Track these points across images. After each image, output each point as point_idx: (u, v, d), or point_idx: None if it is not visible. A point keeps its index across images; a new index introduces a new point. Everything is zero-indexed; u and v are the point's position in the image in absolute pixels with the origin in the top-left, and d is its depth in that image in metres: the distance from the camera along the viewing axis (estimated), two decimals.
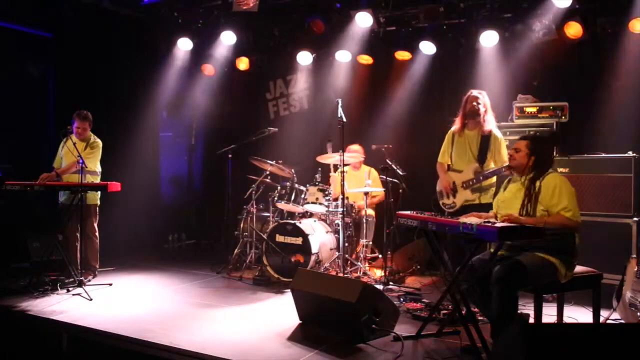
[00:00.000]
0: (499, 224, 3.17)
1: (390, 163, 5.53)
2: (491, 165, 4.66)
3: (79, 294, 4.90)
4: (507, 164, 4.39)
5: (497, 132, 4.75)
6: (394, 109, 6.67)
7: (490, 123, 4.72)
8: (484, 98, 4.72)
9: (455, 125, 4.86)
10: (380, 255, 5.86)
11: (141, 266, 6.26)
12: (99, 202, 5.55)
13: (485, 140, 4.68)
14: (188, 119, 8.37)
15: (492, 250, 3.63)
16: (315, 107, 7.46)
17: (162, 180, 8.07)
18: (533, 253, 3.39)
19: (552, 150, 3.61)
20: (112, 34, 6.71)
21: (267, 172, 6.01)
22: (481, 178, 4.60)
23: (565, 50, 5.69)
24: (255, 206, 6.00)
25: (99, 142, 5.55)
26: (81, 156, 5.06)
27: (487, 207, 4.59)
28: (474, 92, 4.76)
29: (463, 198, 4.74)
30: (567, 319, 3.98)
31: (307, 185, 5.72)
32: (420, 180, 5.70)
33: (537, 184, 3.46)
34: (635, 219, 4.66)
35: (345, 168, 5.61)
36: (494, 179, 4.70)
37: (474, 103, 4.69)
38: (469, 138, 4.77)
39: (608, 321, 4.01)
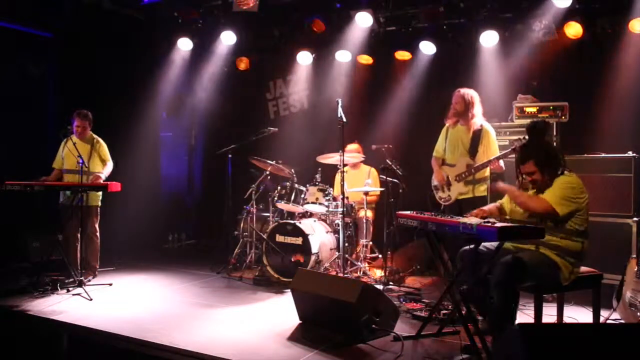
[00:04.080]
0: (498, 224, 3.16)
1: (390, 163, 5.53)
2: (482, 159, 4.74)
3: (79, 294, 4.90)
4: (496, 155, 4.63)
5: (486, 126, 4.89)
6: (393, 109, 6.68)
7: (478, 118, 4.85)
8: (467, 96, 4.84)
9: (449, 121, 5.01)
10: (380, 255, 5.86)
11: (141, 266, 6.26)
12: (100, 204, 5.55)
13: (477, 134, 4.82)
14: (188, 119, 8.37)
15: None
16: (315, 107, 7.46)
17: (162, 180, 8.07)
18: (539, 250, 3.40)
19: (550, 146, 3.60)
20: (112, 34, 6.71)
21: (267, 172, 6.01)
22: (473, 171, 4.74)
23: (565, 50, 5.69)
24: (255, 206, 6.01)
25: (102, 141, 5.56)
26: (81, 156, 5.06)
27: (481, 199, 4.68)
28: (457, 92, 4.89)
29: (457, 191, 4.87)
30: (567, 319, 3.98)
31: (307, 185, 5.73)
32: (420, 180, 5.70)
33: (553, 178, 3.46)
34: (635, 219, 4.66)
35: (345, 168, 5.61)
36: (487, 172, 4.83)
37: (454, 102, 4.88)
38: (461, 133, 4.92)
39: (608, 321, 4.01)
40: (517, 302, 3.32)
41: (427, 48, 6.27)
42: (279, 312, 4.48)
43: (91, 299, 4.77)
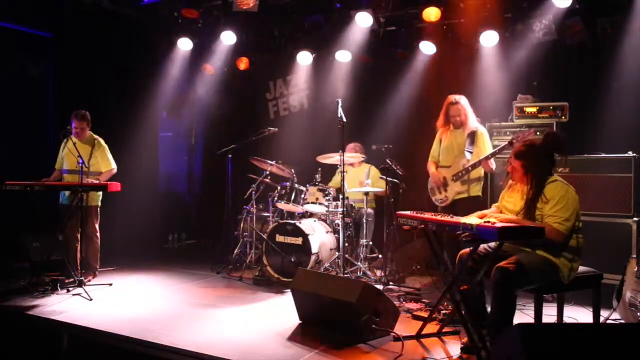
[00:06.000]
0: (499, 224, 3.16)
1: (390, 163, 5.53)
2: (477, 158, 4.79)
3: (79, 294, 4.90)
4: (489, 153, 4.71)
5: (481, 129, 4.97)
6: (394, 109, 6.67)
7: (472, 122, 4.92)
8: (465, 105, 4.90)
9: (444, 128, 5.05)
10: (380, 255, 5.86)
11: (141, 266, 6.26)
12: (100, 204, 5.55)
13: (471, 136, 4.88)
14: (188, 119, 8.37)
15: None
16: (315, 107, 7.46)
17: (162, 180, 8.06)
18: (534, 252, 3.39)
19: (548, 161, 3.55)
20: (112, 34, 6.70)
21: (267, 172, 6.01)
22: (470, 169, 4.79)
23: (565, 50, 5.69)
24: (255, 206, 6.01)
25: (102, 141, 5.55)
26: (81, 156, 5.06)
27: (476, 199, 4.69)
28: (456, 104, 4.90)
29: (454, 191, 4.91)
30: (567, 319, 3.99)
31: (307, 185, 5.73)
32: (420, 180, 5.69)
33: (539, 191, 3.44)
34: (635, 219, 4.66)
35: (346, 167, 5.61)
36: (482, 172, 4.90)
37: (455, 115, 4.90)
38: (455, 136, 4.98)
39: (608, 321, 4.01)
40: (515, 306, 3.31)
41: (427, 48, 6.27)
42: (279, 312, 4.48)
43: (91, 299, 4.77)
